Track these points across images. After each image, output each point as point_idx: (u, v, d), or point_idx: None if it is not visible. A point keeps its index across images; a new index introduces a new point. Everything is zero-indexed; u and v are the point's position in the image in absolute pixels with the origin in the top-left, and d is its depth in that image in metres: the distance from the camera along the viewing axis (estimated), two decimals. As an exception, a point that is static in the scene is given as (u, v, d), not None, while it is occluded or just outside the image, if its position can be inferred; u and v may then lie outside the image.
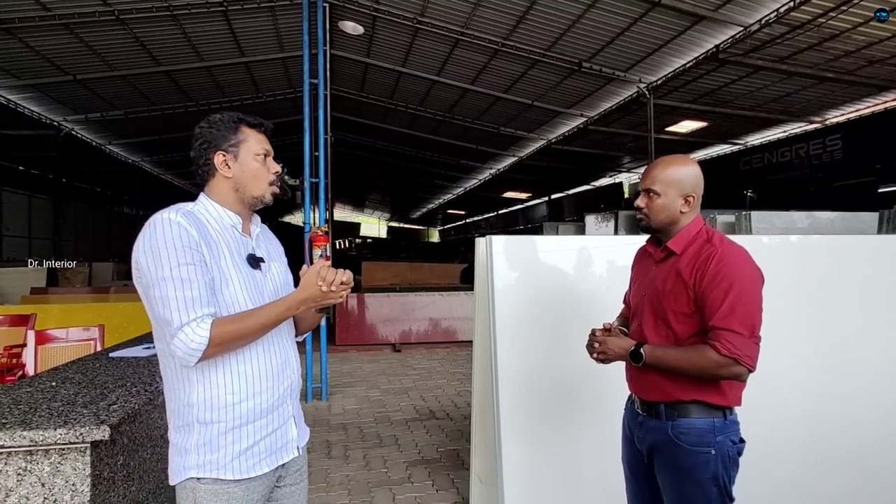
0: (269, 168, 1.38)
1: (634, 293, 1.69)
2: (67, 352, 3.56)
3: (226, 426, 1.27)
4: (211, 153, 1.34)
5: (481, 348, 2.53)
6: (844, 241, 2.71)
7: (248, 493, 1.30)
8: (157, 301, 1.18)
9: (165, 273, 1.18)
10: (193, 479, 1.27)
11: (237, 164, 1.34)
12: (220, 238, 1.31)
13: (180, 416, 1.29)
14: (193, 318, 1.17)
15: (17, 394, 2.16)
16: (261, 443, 1.32)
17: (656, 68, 9.97)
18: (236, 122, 1.35)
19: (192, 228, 1.23)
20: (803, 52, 8.61)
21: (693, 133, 13.81)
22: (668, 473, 1.52)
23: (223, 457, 1.27)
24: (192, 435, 1.27)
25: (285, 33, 9.89)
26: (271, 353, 1.35)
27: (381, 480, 3.36)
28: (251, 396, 1.30)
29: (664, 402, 1.51)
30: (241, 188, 1.36)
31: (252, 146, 1.35)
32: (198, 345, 1.16)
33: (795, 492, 2.38)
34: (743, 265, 1.44)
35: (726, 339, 1.38)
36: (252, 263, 1.36)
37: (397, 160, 21.05)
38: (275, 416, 1.35)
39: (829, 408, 2.45)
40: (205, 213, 1.33)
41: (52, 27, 8.62)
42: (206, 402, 1.27)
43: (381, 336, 8.22)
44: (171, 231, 1.21)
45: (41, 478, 1.78)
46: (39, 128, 13.23)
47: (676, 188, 1.52)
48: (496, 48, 9.64)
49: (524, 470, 2.23)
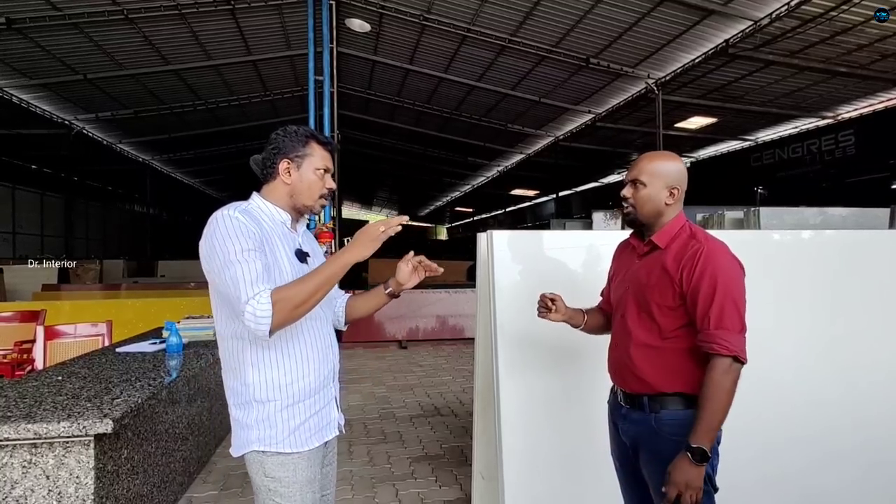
0: (325, 183, 1.50)
1: (616, 287, 1.71)
2: (76, 347, 3.60)
3: (281, 404, 1.39)
4: (278, 159, 1.46)
5: (483, 344, 2.52)
6: (857, 237, 2.67)
7: (310, 464, 1.44)
8: (228, 282, 1.28)
9: (232, 257, 1.29)
10: (258, 452, 1.39)
11: (298, 174, 1.46)
12: (273, 232, 1.43)
13: (239, 395, 1.41)
14: (257, 292, 1.26)
15: (23, 387, 2.19)
16: (310, 419, 1.45)
17: (665, 64, 9.88)
18: (307, 137, 1.48)
19: (248, 221, 1.36)
20: (815, 47, 8.49)
21: (702, 129, 13.69)
22: (652, 465, 1.53)
23: (280, 432, 1.39)
24: (251, 411, 1.40)
25: (292, 31, 9.92)
26: (317, 338, 1.48)
27: (385, 476, 3.36)
28: (301, 377, 1.42)
29: (647, 393, 1.53)
30: (295, 195, 1.47)
31: (315, 161, 1.47)
32: (263, 312, 1.24)
33: (800, 484, 2.35)
34: (726, 261, 1.47)
35: (722, 337, 1.40)
36: (300, 257, 1.48)
37: (405, 158, 21.07)
38: (321, 395, 1.48)
39: (840, 403, 2.42)
40: (258, 210, 1.45)
41: (62, 27, 8.71)
42: (262, 383, 1.39)
43: (387, 333, 8.23)
44: (232, 224, 1.33)
45: (45, 470, 1.80)
46: (51, 127, 13.40)
47: (662, 180, 1.55)
48: (503, 45, 9.61)
49: (525, 466, 2.23)
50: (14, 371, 3.78)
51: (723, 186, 13.83)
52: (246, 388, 1.40)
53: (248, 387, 1.39)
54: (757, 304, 2.34)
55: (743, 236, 2.70)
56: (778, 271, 2.48)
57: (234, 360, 1.41)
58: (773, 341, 2.40)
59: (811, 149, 11.69)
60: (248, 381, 1.39)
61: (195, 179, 24.07)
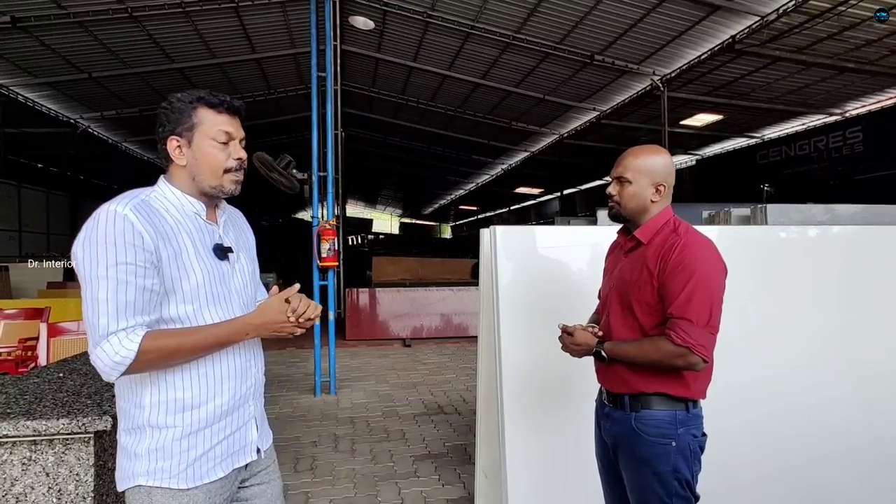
0: (231, 154, 1.22)
1: (605, 285, 1.70)
2: (79, 344, 3.60)
3: (181, 431, 1.16)
4: (165, 138, 1.20)
5: (486, 342, 2.50)
6: (865, 233, 2.62)
7: (210, 497, 1.20)
8: (87, 301, 1.06)
9: (100, 272, 1.05)
10: (145, 487, 1.16)
11: (190, 151, 1.19)
12: (181, 228, 1.18)
13: (131, 418, 1.17)
14: (122, 328, 1.05)
15: (24, 384, 2.18)
16: (217, 447, 1.21)
17: (670, 60, 9.81)
18: (193, 102, 1.19)
19: (140, 224, 1.09)
20: (822, 42, 8.40)
21: (708, 126, 13.58)
22: (629, 465, 1.52)
23: (176, 465, 1.16)
24: (143, 439, 1.16)
25: (296, 29, 9.91)
26: (237, 350, 1.24)
27: (388, 474, 3.35)
28: (211, 398, 1.19)
29: (628, 393, 1.51)
30: (196, 177, 1.21)
31: (209, 129, 1.19)
32: (122, 358, 1.04)
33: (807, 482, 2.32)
34: (705, 255, 1.43)
35: (681, 328, 1.37)
36: (218, 254, 1.23)
37: (409, 156, 21.06)
38: (234, 417, 1.25)
39: (848, 400, 2.39)
40: (163, 199, 1.20)
41: (67, 25, 8.73)
42: (161, 405, 1.15)
43: (391, 331, 8.22)
44: (113, 225, 1.07)
45: (45, 467, 1.79)
46: (57, 125, 13.46)
47: (648, 177, 1.52)
48: (507, 42, 9.56)
49: (528, 464, 2.21)
50: (18, 368, 3.79)
51: (729, 184, 13.74)
52: (140, 411, 1.15)
53: (143, 409, 1.15)
54: (764, 301, 2.32)
55: (750, 233, 2.66)
56: (785, 268, 2.45)
57: (129, 378, 1.15)
58: (780, 338, 2.37)
59: (818, 146, 11.58)
60: (143, 403, 1.15)
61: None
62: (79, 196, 18.30)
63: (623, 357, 1.48)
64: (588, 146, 15.92)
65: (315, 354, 5.21)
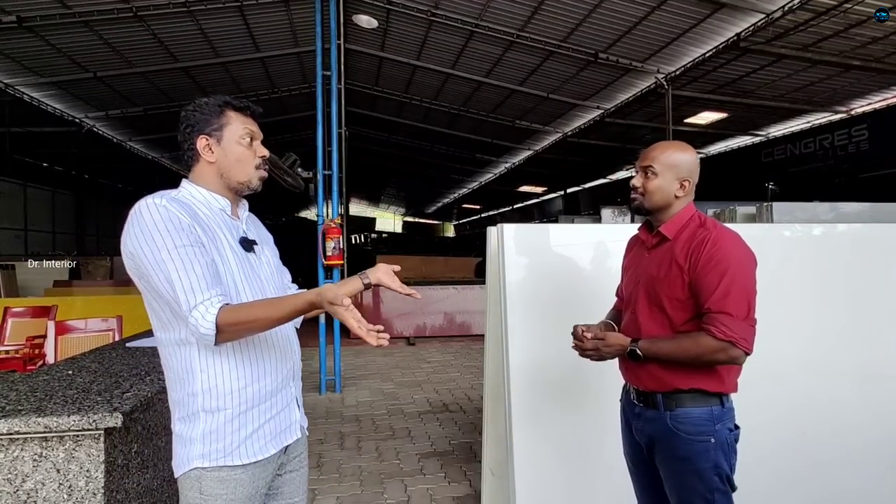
0: (256, 151, 1.34)
1: (628, 282, 1.68)
2: (86, 342, 3.62)
3: (232, 413, 1.25)
4: (195, 137, 1.31)
5: (493, 340, 2.50)
6: (870, 231, 2.61)
7: (254, 479, 1.28)
8: (161, 285, 1.15)
9: (164, 255, 1.14)
10: (199, 469, 1.23)
11: (220, 149, 1.31)
12: (212, 221, 1.27)
13: (185, 406, 1.26)
14: (201, 301, 1.13)
15: (34, 381, 2.20)
16: (266, 425, 1.30)
17: (675, 58, 9.77)
18: (221, 106, 1.32)
19: (180, 212, 1.20)
20: (828, 40, 8.35)
21: (713, 124, 13.53)
22: (668, 464, 1.50)
23: (229, 444, 1.24)
24: (197, 424, 1.24)
25: (300, 28, 9.92)
26: (275, 335, 1.33)
27: (394, 472, 3.36)
28: (256, 380, 1.28)
29: (661, 391, 1.50)
30: (225, 173, 1.32)
31: (236, 129, 1.31)
32: (206, 330, 1.12)
33: (818, 483, 2.32)
34: (737, 249, 1.43)
35: (722, 322, 1.37)
36: (245, 246, 1.33)
37: (412, 154, 21.05)
38: (279, 397, 1.34)
39: (855, 399, 2.38)
40: (191, 198, 1.30)
41: (72, 24, 8.76)
42: (211, 391, 1.24)
43: (395, 329, 8.23)
44: (159, 214, 1.17)
45: (56, 464, 1.80)
46: (62, 125, 13.52)
47: (674, 171, 1.53)
48: (511, 40, 9.55)
49: (535, 462, 2.21)
50: (26, 366, 3.82)
51: (733, 182, 13.67)
52: (193, 399, 1.24)
53: (196, 396, 1.24)
54: (770, 300, 2.31)
55: (755, 231, 2.66)
56: (791, 266, 2.44)
57: (181, 370, 1.25)
58: (786, 337, 2.36)
59: (823, 144, 11.53)
60: (195, 391, 1.24)
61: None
62: (84, 195, 18.39)
63: (660, 354, 1.45)
64: (592, 144, 15.88)
65: (320, 353, 5.22)
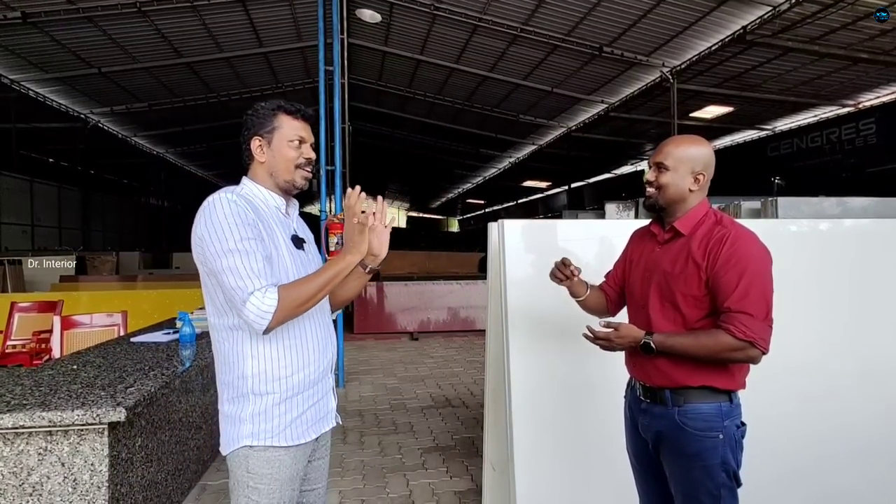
0: (303, 154, 1.43)
1: (635, 276, 1.65)
2: (92, 336, 3.65)
3: (279, 397, 1.34)
4: (249, 138, 1.41)
5: (494, 336, 2.50)
6: (877, 226, 2.59)
7: (295, 462, 1.38)
8: (225, 271, 1.24)
9: (231, 245, 1.24)
10: (247, 447, 1.33)
11: (270, 150, 1.40)
12: (270, 218, 1.39)
13: (234, 388, 1.35)
14: (261, 287, 1.23)
15: (39, 376, 2.21)
16: (308, 412, 1.40)
17: (680, 52, 9.70)
18: (274, 110, 1.42)
19: (247, 207, 1.31)
20: (836, 32, 8.27)
21: (718, 119, 13.45)
22: (675, 460, 1.49)
23: (277, 426, 1.34)
24: (246, 405, 1.33)
25: (303, 23, 9.91)
26: (318, 327, 1.44)
27: (396, 466, 3.37)
28: (301, 369, 1.38)
29: (670, 387, 1.48)
30: (274, 173, 1.42)
31: (286, 133, 1.40)
32: (268, 307, 1.22)
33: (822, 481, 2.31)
34: (755, 248, 1.42)
35: (742, 322, 1.35)
36: (296, 244, 1.44)
37: (416, 149, 21.04)
38: (319, 387, 1.44)
39: (861, 396, 2.36)
40: (251, 195, 1.40)
41: (76, 20, 8.79)
42: (261, 375, 1.33)
43: (398, 325, 8.25)
44: (230, 208, 1.28)
45: (61, 457, 1.82)
46: (67, 120, 13.58)
47: (688, 165, 1.51)
48: (515, 34, 9.50)
49: (536, 458, 2.21)
50: (32, 360, 3.86)
51: (738, 177, 13.60)
52: (244, 381, 1.34)
53: (246, 379, 1.34)
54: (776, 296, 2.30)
55: (760, 226, 2.63)
56: (796, 262, 2.42)
57: (232, 353, 1.35)
58: (792, 334, 2.34)
59: (831, 138, 11.43)
60: (245, 374, 1.34)
61: (209, 172, 24.31)
62: (90, 190, 18.48)
63: (676, 349, 1.43)
64: (596, 139, 15.82)
65: (323, 347, 5.24)
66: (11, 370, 2.88)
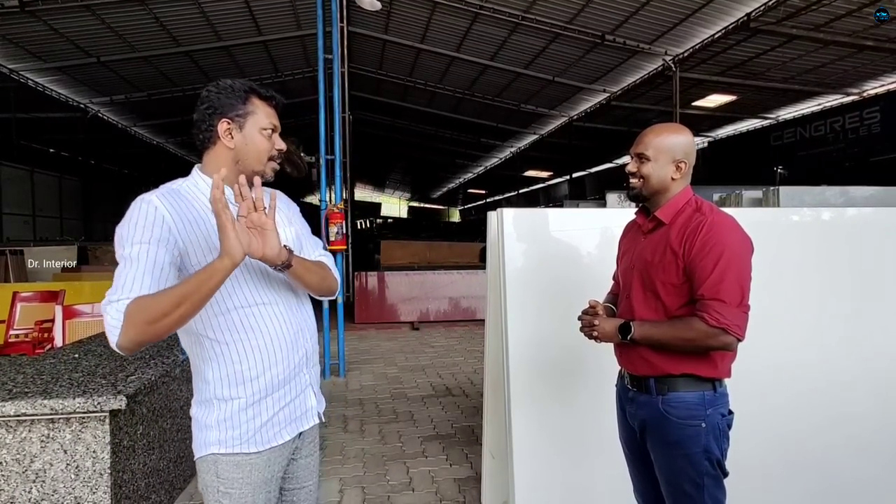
0: (275, 144, 1.32)
1: (623, 267, 1.67)
2: (93, 326, 3.67)
3: (245, 402, 1.26)
4: (215, 119, 1.27)
5: (493, 324, 2.51)
6: (879, 215, 2.58)
7: (270, 464, 1.30)
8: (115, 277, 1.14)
9: (124, 252, 1.14)
10: (215, 454, 1.26)
11: (241, 136, 1.27)
12: (210, 213, 1.22)
13: (199, 392, 1.29)
14: (117, 299, 1.09)
15: (41, 365, 2.23)
16: (280, 413, 1.31)
17: (683, 40, 9.60)
18: (247, 92, 1.29)
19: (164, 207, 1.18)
20: (841, 19, 8.17)
21: (721, 107, 13.35)
22: (659, 448, 1.51)
23: (245, 432, 1.26)
24: (211, 411, 1.26)
25: (302, 10, 9.82)
26: (282, 324, 1.30)
27: (396, 454, 3.40)
28: (267, 369, 1.27)
29: (653, 375, 1.50)
30: (241, 161, 1.28)
31: (260, 119, 1.28)
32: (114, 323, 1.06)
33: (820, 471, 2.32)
34: (732, 234, 1.42)
35: (714, 308, 1.36)
36: None
37: (417, 139, 20.94)
38: (292, 385, 1.34)
39: (861, 386, 2.37)
40: (194, 189, 1.28)
41: (74, 9, 8.71)
42: (223, 380, 1.25)
43: (399, 314, 8.27)
44: (139, 211, 1.17)
45: (63, 444, 1.84)
46: (67, 110, 13.53)
47: (668, 154, 1.50)
48: (516, 22, 9.41)
49: (534, 445, 2.23)
50: (35, 349, 3.87)
51: (741, 166, 13.54)
52: (206, 386, 1.26)
53: (208, 384, 1.26)
54: (776, 286, 2.30)
55: (761, 216, 2.63)
56: (798, 252, 2.42)
57: (192, 355, 1.29)
58: (792, 324, 2.35)
59: (834, 127, 11.35)
60: (207, 378, 1.26)
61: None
62: (91, 180, 18.47)
63: (652, 337, 1.45)
64: (598, 128, 15.73)
65: (324, 337, 5.26)
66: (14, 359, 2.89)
